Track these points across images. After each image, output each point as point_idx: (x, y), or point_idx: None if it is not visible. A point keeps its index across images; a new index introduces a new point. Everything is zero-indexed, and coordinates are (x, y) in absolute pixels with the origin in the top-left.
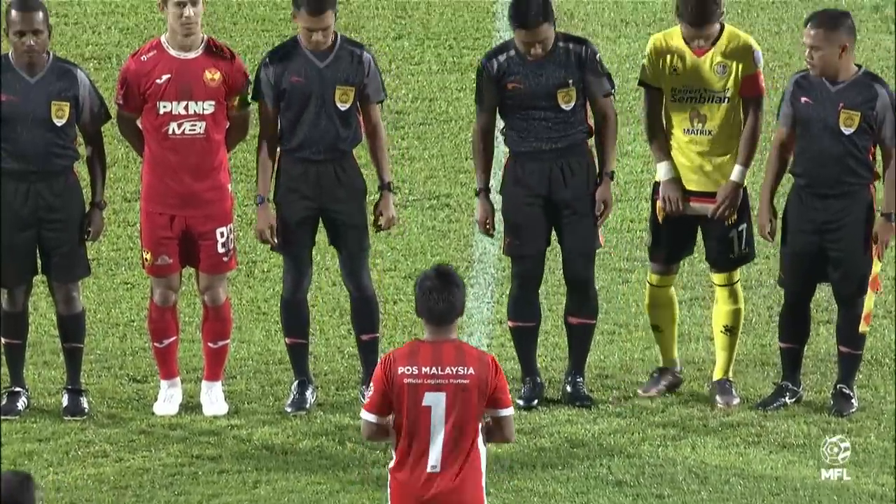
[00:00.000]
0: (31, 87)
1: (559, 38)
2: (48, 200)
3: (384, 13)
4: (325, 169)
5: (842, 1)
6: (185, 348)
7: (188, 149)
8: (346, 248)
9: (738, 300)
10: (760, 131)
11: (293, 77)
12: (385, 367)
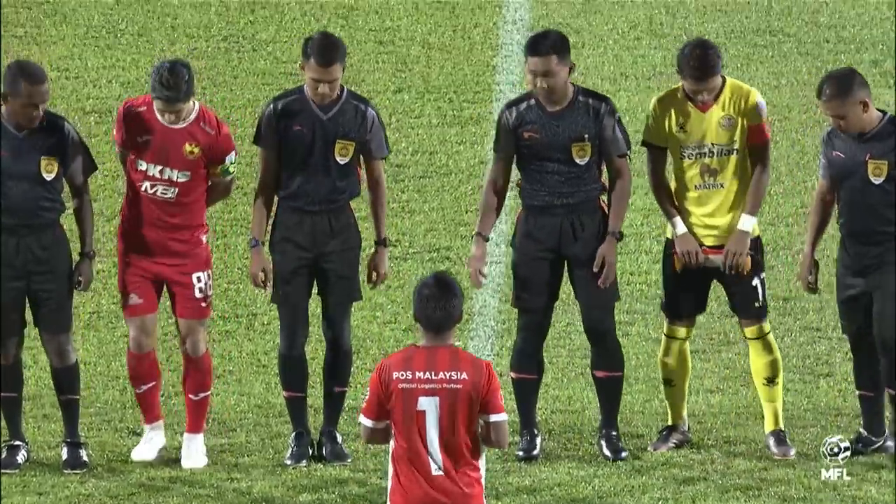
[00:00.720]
0: (21, 143)
1: (580, 91)
2: (37, 253)
3: (384, 66)
4: (320, 220)
5: (840, 56)
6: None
7: (159, 208)
8: (332, 298)
9: (774, 350)
10: (768, 180)
11: (296, 126)
12: (380, 373)
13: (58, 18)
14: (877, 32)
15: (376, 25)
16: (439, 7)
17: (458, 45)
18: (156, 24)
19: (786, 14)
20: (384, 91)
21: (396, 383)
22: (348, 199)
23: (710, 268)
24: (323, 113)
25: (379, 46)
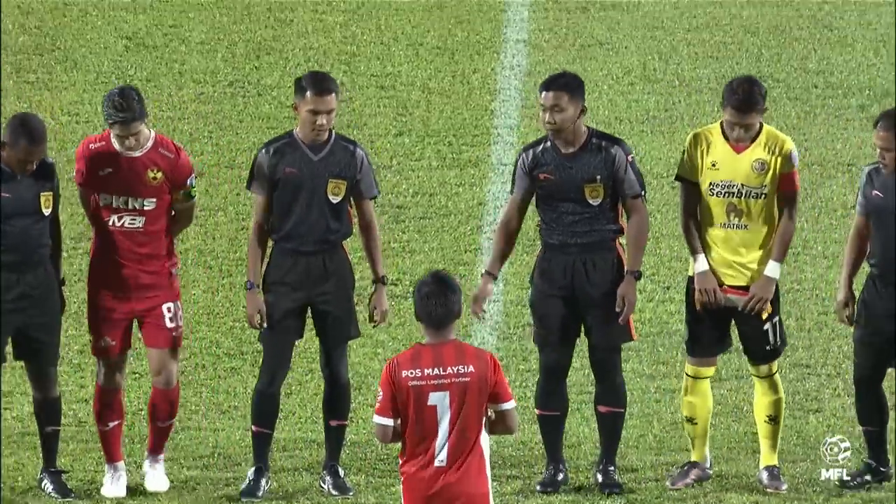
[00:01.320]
0: (19, 182)
1: (594, 134)
2: (32, 288)
3: (386, 111)
4: (315, 260)
5: (828, 101)
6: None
7: (129, 239)
8: (330, 337)
9: (779, 390)
10: (795, 228)
11: (287, 168)
12: (391, 372)
13: (69, 65)
14: (863, 78)
15: (378, 71)
16: (439, 53)
17: (457, 90)
18: (163, 69)
19: (775, 60)
20: (385, 134)
21: (406, 381)
22: (341, 239)
23: (729, 307)
24: (314, 154)
25: (380, 91)
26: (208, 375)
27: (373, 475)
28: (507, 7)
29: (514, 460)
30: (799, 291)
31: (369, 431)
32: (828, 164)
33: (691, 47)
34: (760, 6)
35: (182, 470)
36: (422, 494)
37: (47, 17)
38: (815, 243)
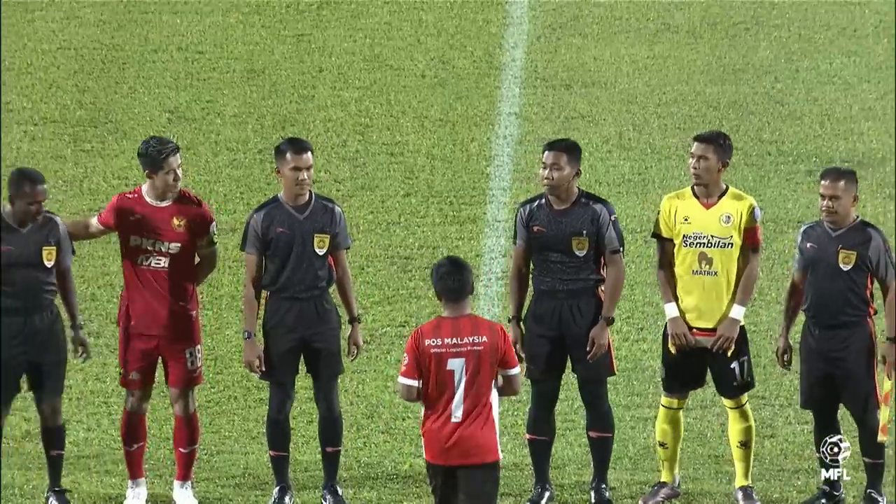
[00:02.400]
0: (23, 236)
1: (583, 194)
2: (39, 330)
3: (395, 175)
4: (307, 305)
5: (780, 167)
6: (225, 458)
7: (154, 279)
8: (322, 372)
9: (749, 419)
10: (757, 276)
11: (278, 228)
12: (416, 340)
13: (119, 135)
14: (811, 147)
15: (388, 140)
16: (441, 125)
17: (457, 157)
18: (201, 139)
19: (734, 131)
20: (395, 195)
21: (429, 348)
22: (327, 285)
23: (699, 348)
24: (299, 214)
25: (390, 157)
26: (239, 406)
27: (383, 492)
28: (500, 84)
29: (507, 480)
30: (755, 332)
31: (381, 454)
32: (780, 221)
33: (661, 120)
34: (721, 84)
35: (217, 489)
36: (441, 446)
37: (101, 94)
38: (769, 290)
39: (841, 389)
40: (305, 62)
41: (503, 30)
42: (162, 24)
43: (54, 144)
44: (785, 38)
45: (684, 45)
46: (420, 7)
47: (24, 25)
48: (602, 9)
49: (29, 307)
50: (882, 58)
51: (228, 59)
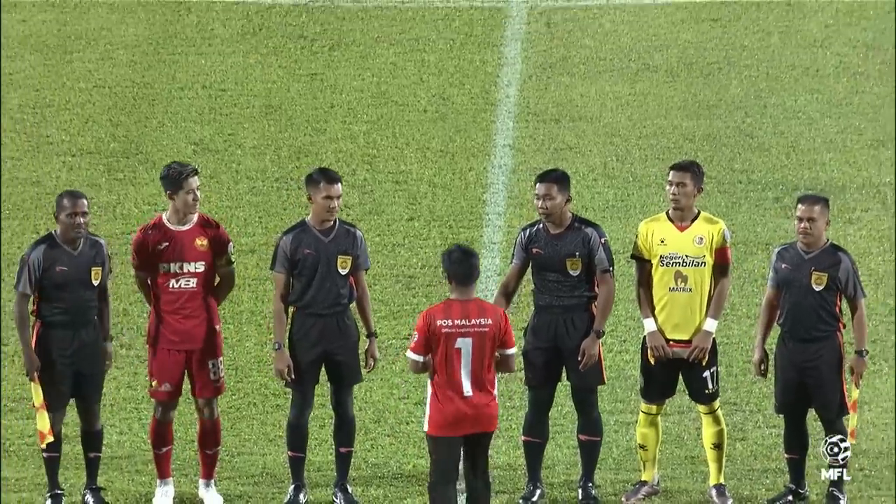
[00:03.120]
0: (74, 258)
1: (577, 219)
2: (85, 342)
3: (399, 201)
4: (330, 321)
5: (750, 194)
6: (245, 459)
7: (184, 299)
8: (340, 382)
9: (721, 423)
10: (728, 292)
11: (305, 250)
12: (427, 320)
13: (148, 165)
14: (778, 176)
15: (393, 169)
16: (442, 155)
17: (457, 185)
18: (223, 168)
19: (708, 161)
20: (399, 219)
21: (440, 328)
22: (349, 303)
23: (675, 359)
24: (324, 237)
25: (395, 185)
26: (258, 411)
27: (388, 490)
28: (495, 119)
29: (502, 478)
30: (728, 344)
31: (387, 455)
32: (750, 244)
33: (642, 151)
34: (696, 119)
35: (237, 487)
36: (453, 416)
37: (132, 127)
38: (740, 306)
39: (812, 397)
40: (318, 99)
41: (498, 69)
42: (188, 64)
43: (90, 174)
44: (754, 77)
45: (663, 84)
46: (422, 49)
47: (63, 66)
48: (588, 50)
49: (77, 322)
50: (842, 95)
51: (248, 95)
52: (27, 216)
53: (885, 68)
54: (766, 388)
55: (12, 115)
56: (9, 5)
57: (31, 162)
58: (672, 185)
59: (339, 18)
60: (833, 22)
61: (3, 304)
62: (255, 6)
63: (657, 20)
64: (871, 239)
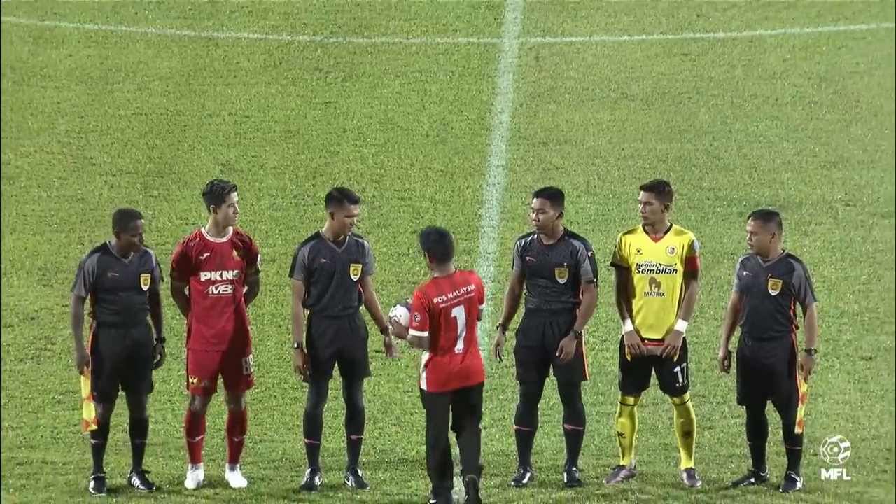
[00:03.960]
0: (126, 266)
1: (567, 233)
2: (136, 341)
3: (404, 215)
4: (343, 322)
5: (717, 209)
6: (267, 446)
7: (222, 303)
8: (351, 377)
9: (690, 413)
10: (697, 296)
11: (322, 259)
12: (424, 300)
13: (180, 184)
14: (741, 193)
15: (399, 187)
16: (442, 175)
17: (455, 201)
18: (247, 186)
19: (679, 180)
20: (404, 231)
21: (438, 305)
22: (359, 306)
23: (650, 356)
24: (338, 248)
25: (401, 201)
26: (279, 403)
27: (394, 473)
28: (490, 142)
29: (496, 463)
30: (697, 343)
31: (393, 443)
32: (717, 254)
33: (620, 171)
34: (669, 142)
35: (260, 470)
36: (447, 372)
37: (166, 150)
38: (708, 309)
39: (769, 390)
40: (332, 124)
41: (492, 98)
42: (216, 93)
43: (128, 192)
44: (720, 105)
45: (639, 111)
46: (425, 80)
47: (104, 95)
48: (572, 81)
49: (128, 322)
50: (798, 121)
51: (269, 121)
52: (73, 229)
53: (837, 98)
54: (730, 382)
55: (60, 139)
56: (56, 41)
57: (77, 181)
58: (641, 203)
59: (350, 53)
60: (790, 56)
61: (3, 303)
62: (276, 42)
63: (634, 54)
64: (823, 249)
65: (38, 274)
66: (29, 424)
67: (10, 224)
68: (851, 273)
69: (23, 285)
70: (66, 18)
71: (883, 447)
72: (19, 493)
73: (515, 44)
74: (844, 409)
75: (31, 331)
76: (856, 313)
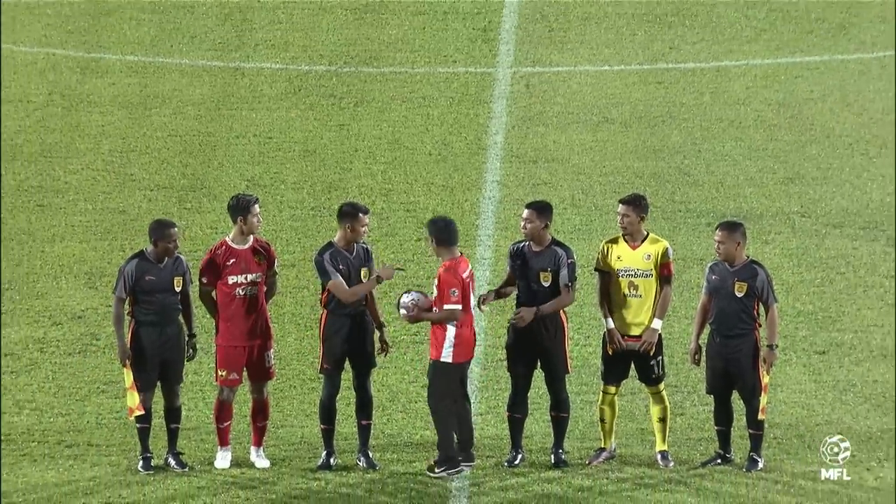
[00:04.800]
0: (161, 270)
1: (554, 241)
2: (170, 336)
3: (409, 225)
4: (354, 320)
5: (688, 221)
6: (287, 431)
7: (248, 303)
8: (360, 368)
9: (664, 401)
10: (670, 298)
11: (340, 265)
12: (457, 276)
13: (210, 197)
14: (709, 206)
15: (405, 200)
16: (443, 189)
17: (455, 212)
18: (269, 200)
19: (654, 194)
20: (409, 240)
21: (465, 280)
22: (366, 305)
23: (629, 351)
24: (350, 254)
25: (406, 213)
26: (297, 393)
27: (401, 455)
28: (486, 160)
29: (491, 446)
30: (670, 339)
31: (399, 428)
32: (688, 260)
33: (602, 186)
34: (645, 160)
35: (281, 452)
36: (469, 345)
37: (198, 168)
38: (680, 308)
39: (735, 381)
40: (345, 144)
41: (488, 121)
42: (242, 117)
43: (164, 204)
44: (690, 128)
45: (618, 133)
46: (428, 105)
47: (143, 119)
48: (559, 106)
49: (163, 321)
50: (759, 142)
51: (290, 142)
52: (115, 238)
53: (793, 121)
54: (700, 374)
55: (104, 158)
56: (101, 71)
57: (118, 195)
58: (619, 215)
59: (361, 81)
60: (752, 84)
61: (53, 304)
62: (295, 71)
63: (614, 82)
64: (782, 256)
65: (84, 278)
66: (76, 411)
67: (60, 233)
68: (807, 277)
69: (70, 287)
70: (109, 51)
71: (834, 431)
72: (68, 472)
73: (508, 73)
74: (801, 398)
75: (78, 328)
76: (811, 312)
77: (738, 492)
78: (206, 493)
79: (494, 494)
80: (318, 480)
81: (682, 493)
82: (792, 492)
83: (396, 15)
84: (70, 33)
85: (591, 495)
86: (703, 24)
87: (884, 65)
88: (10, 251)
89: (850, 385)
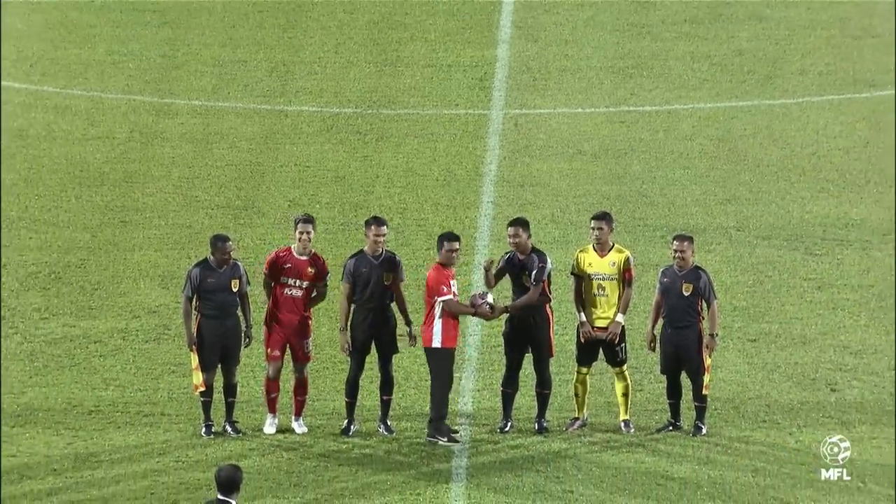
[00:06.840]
0: (221, 274)
1: (534, 250)
2: (229, 329)
3: (420, 237)
4: (378, 313)
5: (647, 234)
6: (322, 404)
7: (292, 301)
8: (384, 353)
9: (626, 379)
10: (631, 297)
11: (363, 268)
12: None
13: (259, 216)
14: (664, 222)
15: (417, 217)
16: (447, 209)
17: (458, 228)
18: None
19: (619, 212)
20: (420, 249)
21: None
22: (389, 301)
23: (598, 339)
24: (375, 261)
25: (418, 228)
26: (330, 373)
27: (414, 424)
28: (482, 185)
29: (487, 415)
30: (631, 329)
31: (412, 402)
32: (646, 265)
33: (577, 206)
34: (611, 185)
35: (316, 421)
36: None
37: (250, 191)
38: (639, 305)
39: (683, 363)
40: (368, 172)
41: (484, 153)
42: (285, 150)
43: (222, 220)
44: (648, 159)
45: (589, 162)
46: (435, 140)
47: (205, 151)
48: (542, 141)
49: (223, 315)
50: (703, 170)
51: (324, 170)
52: (183, 248)
53: (730, 153)
54: (655, 358)
55: (174, 183)
56: (172, 113)
57: (185, 213)
58: (593, 228)
59: (382, 120)
60: (697, 124)
61: (134, 301)
62: (329, 113)
63: (586, 122)
64: (722, 262)
65: (159, 280)
66: (151, 388)
67: (139, 244)
68: (741, 279)
69: (147, 287)
70: (178, 97)
71: (763, 404)
72: (145, 436)
73: (500, 114)
74: (736, 377)
75: (153, 320)
76: (744, 308)
77: (685, 452)
78: (256, 454)
79: (489, 454)
80: (346, 443)
81: (641, 454)
82: (729, 452)
83: (410, 67)
84: (147, 83)
85: (567, 456)
86: (657, 74)
87: (803, 108)
88: (99, 259)
89: (776, 366)
